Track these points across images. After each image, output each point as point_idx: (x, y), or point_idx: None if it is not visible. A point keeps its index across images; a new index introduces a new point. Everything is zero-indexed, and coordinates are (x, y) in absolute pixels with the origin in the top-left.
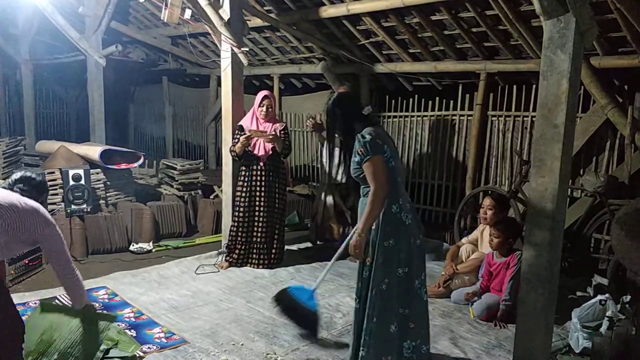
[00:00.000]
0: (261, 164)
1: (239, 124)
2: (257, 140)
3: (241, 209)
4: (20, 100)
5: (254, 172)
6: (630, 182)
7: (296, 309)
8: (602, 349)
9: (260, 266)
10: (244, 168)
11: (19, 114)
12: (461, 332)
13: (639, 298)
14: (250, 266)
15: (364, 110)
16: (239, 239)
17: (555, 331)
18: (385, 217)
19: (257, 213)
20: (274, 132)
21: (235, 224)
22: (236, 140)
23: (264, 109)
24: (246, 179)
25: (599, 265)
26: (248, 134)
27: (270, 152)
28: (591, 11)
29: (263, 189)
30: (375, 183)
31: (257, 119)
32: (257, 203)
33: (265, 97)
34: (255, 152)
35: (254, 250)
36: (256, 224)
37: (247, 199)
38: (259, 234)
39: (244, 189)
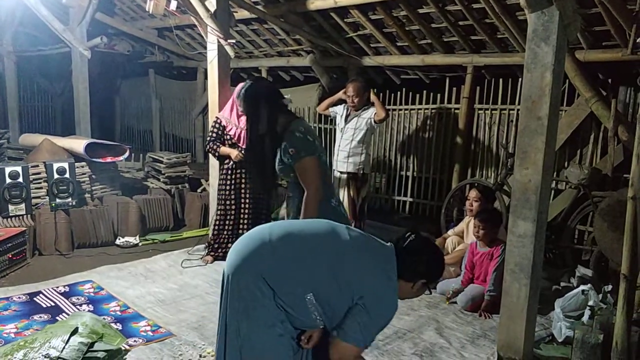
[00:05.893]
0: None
1: (216, 116)
2: (240, 131)
3: (227, 201)
4: (3, 93)
5: (238, 163)
6: (613, 174)
7: None
8: (584, 337)
9: None
10: (227, 160)
11: (2, 107)
12: (446, 322)
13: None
14: None
15: (285, 101)
16: (225, 232)
17: (539, 321)
18: (327, 212)
19: (243, 204)
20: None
21: (222, 217)
22: (212, 136)
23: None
24: (230, 170)
25: (583, 256)
26: (228, 152)
27: None
28: (575, 4)
29: (248, 179)
30: (313, 184)
31: (236, 109)
32: (243, 194)
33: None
34: (241, 144)
35: None
36: (242, 215)
37: (232, 191)
38: (246, 226)
39: (229, 180)
